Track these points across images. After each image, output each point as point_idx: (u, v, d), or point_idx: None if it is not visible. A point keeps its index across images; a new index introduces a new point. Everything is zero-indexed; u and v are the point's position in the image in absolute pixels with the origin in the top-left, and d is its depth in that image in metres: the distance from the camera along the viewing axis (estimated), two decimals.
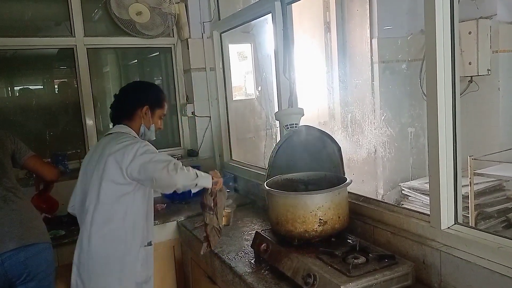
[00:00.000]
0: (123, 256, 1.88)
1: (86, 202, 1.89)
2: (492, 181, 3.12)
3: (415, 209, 1.95)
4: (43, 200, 2.43)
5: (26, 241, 1.92)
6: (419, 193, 3.27)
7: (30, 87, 3.32)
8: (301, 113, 2.27)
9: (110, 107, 2.07)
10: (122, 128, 1.98)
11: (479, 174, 3.04)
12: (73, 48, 3.19)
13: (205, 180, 1.87)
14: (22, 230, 1.92)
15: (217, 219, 1.96)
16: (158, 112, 2.05)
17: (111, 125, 3.25)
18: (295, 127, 2.21)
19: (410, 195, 3.36)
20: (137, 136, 1.99)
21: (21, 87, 3.27)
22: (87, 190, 1.90)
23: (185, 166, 1.85)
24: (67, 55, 3.24)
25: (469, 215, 2.90)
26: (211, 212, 1.94)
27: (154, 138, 2.09)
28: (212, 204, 1.94)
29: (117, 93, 2.07)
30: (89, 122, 3.27)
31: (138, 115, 2.00)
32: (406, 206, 2.97)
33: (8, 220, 1.91)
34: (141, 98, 2.01)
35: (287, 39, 2.49)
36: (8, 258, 1.87)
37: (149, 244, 1.99)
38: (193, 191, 1.87)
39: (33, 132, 3.17)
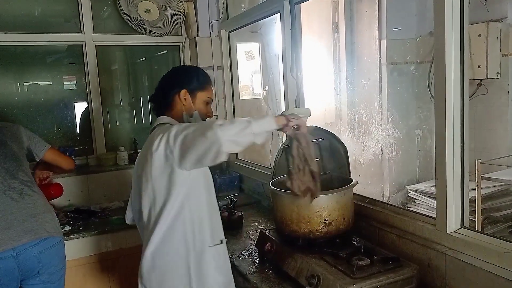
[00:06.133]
0: (190, 261, 1.65)
1: (142, 208, 1.68)
2: (500, 185, 3.09)
3: (421, 212, 1.94)
4: (48, 186, 2.43)
5: (40, 235, 1.93)
6: (426, 196, 3.25)
7: (39, 83, 3.34)
8: (308, 113, 2.24)
9: (150, 100, 1.87)
10: (162, 119, 1.77)
11: (486, 178, 3.01)
12: (82, 45, 3.22)
13: (264, 122, 1.52)
14: (36, 224, 1.93)
15: (310, 165, 1.61)
16: (200, 96, 1.79)
17: (118, 121, 3.25)
18: None
19: (416, 198, 3.33)
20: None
21: (30, 83, 3.30)
22: (141, 195, 1.68)
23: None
24: (76, 52, 3.26)
25: (476, 220, 2.87)
26: (301, 161, 1.61)
27: None
28: (297, 151, 1.60)
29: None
30: (97, 118, 3.29)
31: (178, 102, 1.77)
32: (412, 209, 2.95)
33: (24, 214, 1.93)
34: (177, 82, 1.79)
35: (295, 39, 2.48)
36: (22, 251, 1.88)
37: (221, 242, 1.74)
38: (257, 141, 1.50)
39: (41, 128, 3.19)
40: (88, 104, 3.28)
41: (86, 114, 3.31)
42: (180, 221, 1.63)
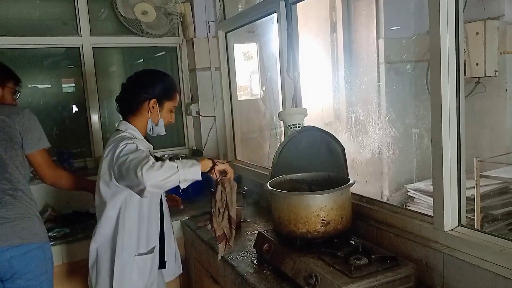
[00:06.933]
0: (115, 264, 1.83)
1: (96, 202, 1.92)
2: (499, 183, 3.09)
3: (421, 211, 1.94)
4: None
5: (12, 241, 1.91)
6: (425, 194, 3.24)
7: (38, 86, 3.34)
8: (304, 113, 2.27)
9: (115, 100, 1.94)
10: (121, 125, 1.89)
11: (485, 176, 3.01)
12: (79, 47, 3.22)
13: (191, 172, 1.61)
14: (10, 231, 1.91)
15: (229, 210, 1.75)
16: (167, 105, 1.91)
17: (117, 123, 3.29)
18: (298, 127, 2.20)
19: (416, 196, 3.33)
20: (134, 131, 1.87)
21: (29, 86, 3.30)
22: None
23: (171, 160, 1.65)
24: (74, 54, 3.26)
25: (475, 218, 2.87)
26: (222, 205, 1.74)
27: (164, 133, 1.97)
28: (221, 196, 1.73)
29: (125, 82, 1.92)
30: (95, 121, 3.30)
31: (145, 109, 1.87)
32: (411, 208, 2.94)
33: (0, 222, 1.92)
34: (147, 90, 1.85)
35: (291, 39, 2.48)
36: None
37: (149, 252, 1.90)
38: (181, 186, 1.62)
39: None
40: (86, 106, 3.28)
41: (84, 117, 3.31)
42: (116, 227, 1.82)
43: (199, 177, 1.64)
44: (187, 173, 1.60)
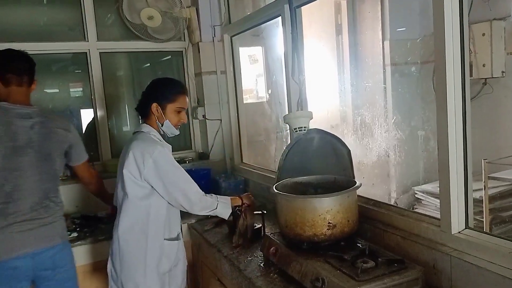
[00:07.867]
0: (145, 249, 2.02)
1: (117, 195, 2.10)
2: (507, 185, 3.06)
3: (429, 213, 1.93)
4: None
5: (55, 241, 2.13)
6: (433, 196, 3.22)
7: (46, 90, 3.38)
8: (309, 116, 2.27)
9: (135, 109, 2.19)
10: (143, 127, 2.11)
11: (493, 178, 2.98)
12: (86, 52, 3.25)
13: (223, 212, 2.13)
14: (53, 232, 2.13)
15: (248, 233, 2.25)
16: (170, 107, 2.10)
17: (124, 127, 3.31)
18: (304, 130, 2.20)
19: (423, 198, 3.31)
20: (156, 134, 2.11)
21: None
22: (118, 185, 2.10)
23: (210, 194, 2.11)
24: (81, 60, 3.29)
25: (484, 220, 2.84)
26: (244, 228, 2.24)
27: (178, 133, 2.17)
28: (243, 222, 2.24)
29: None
30: (102, 125, 3.32)
31: (152, 113, 2.10)
32: (419, 210, 2.93)
33: (44, 224, 2.10)
34: (150, 96, 2.11)
35: (296, 42, 2.48)
36: (39, 253, 2.07)
37: (176, 238, 2.12)
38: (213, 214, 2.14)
39: None
40: (93, 110, 3.31)
41: (92, 121, 3.34)
42: (143, 215, 2.01)
43: (226, 218, 2.18)
44: (221, 213, 2.14)
